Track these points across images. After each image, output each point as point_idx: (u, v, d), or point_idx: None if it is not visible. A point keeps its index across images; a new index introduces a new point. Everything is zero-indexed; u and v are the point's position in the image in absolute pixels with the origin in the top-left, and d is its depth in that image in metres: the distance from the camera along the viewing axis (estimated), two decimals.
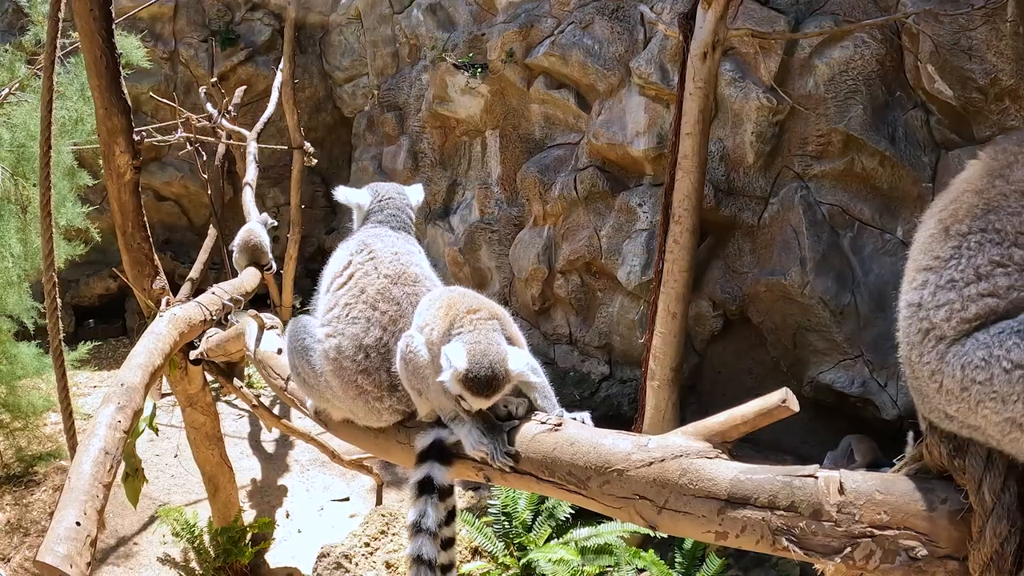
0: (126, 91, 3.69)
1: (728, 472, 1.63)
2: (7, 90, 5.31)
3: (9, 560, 5.25)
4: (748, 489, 1.59)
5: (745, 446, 7.56)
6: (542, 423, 1.91)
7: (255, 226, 6.31)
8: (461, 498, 5.02)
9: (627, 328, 8.28)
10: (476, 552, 4.50)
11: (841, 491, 1.50)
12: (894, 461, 1.60)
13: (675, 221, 4.54)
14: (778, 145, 7.16)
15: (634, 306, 8.17)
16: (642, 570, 4.10)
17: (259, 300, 9.88)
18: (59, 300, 3.57)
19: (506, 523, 4.51)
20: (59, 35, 2.69)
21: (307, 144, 9.35)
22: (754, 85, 7.00)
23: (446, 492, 2.11)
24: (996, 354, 1.29)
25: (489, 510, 4.62)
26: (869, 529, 1.46)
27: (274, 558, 5.44)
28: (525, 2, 9.27)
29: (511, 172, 9.61)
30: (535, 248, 9.08)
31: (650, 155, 7.83)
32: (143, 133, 4.13)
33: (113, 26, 3.42)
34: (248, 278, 5.87)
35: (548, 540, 4.32)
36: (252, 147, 8.07)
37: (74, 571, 2.14)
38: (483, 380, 1.86)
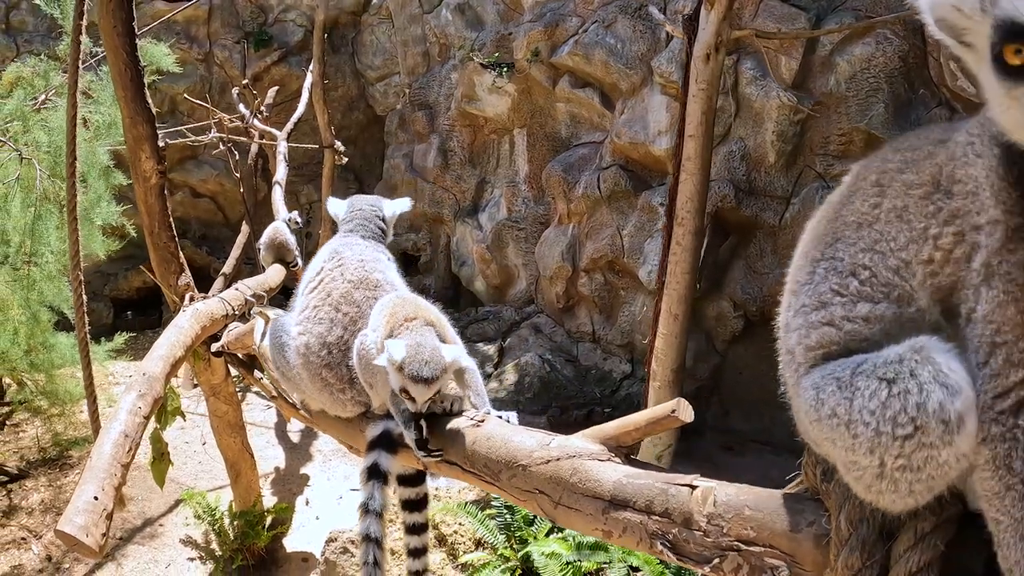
0: (150, 101, 3.88)
1: (614, 475, 1.69)
2: (43, 96, 5.61)
3: (41, 537, 5.60)
4: (629, 492, 1.65)
5: (765, 450, 7.54)
6: (470, 419, 2.06)
7: (280, 225, 6.54)
8: (471, 491, 5.16)
9: (648, 327, 8.33)
10: (479, 543, 4.64)
11: (714, 503, 1.52)
12: (788, 478, 1.57)
13: (678, 223, 4.58)
14: (799, 144, 7.13)
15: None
16: (636, 569, 4.19)
17: (291, 295, 10.17)
18: (85, 296, 3.80)
19: (508, 516, 4.65)
20: (80, 57, 2.89)
21: (338, 143, 9.57)
22: (775, 84, 6.98)
23: (416, 479, 2.29)
24: (821, 397, 1.27)
25: (492, 503, 4.75)
26: (736, 543, 1.46)
27: (292, 543, 5.66)
28: (551, 1, 9.35)
29: (538, 170, 9.72)
30: (559, 246, 9.17)
31: (672, 154, 7.85)
32: (166, 140, 4.32)
33: (136, 41, 3.61)
34: (273, 275, 6.06)
35: (548, 534, 4.45)
36: (282, 147, 8.30)
37: (89, 540, 2.35)
38: (419, 368, 2.05)
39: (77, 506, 2.47)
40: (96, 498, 2.54)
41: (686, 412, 1.69)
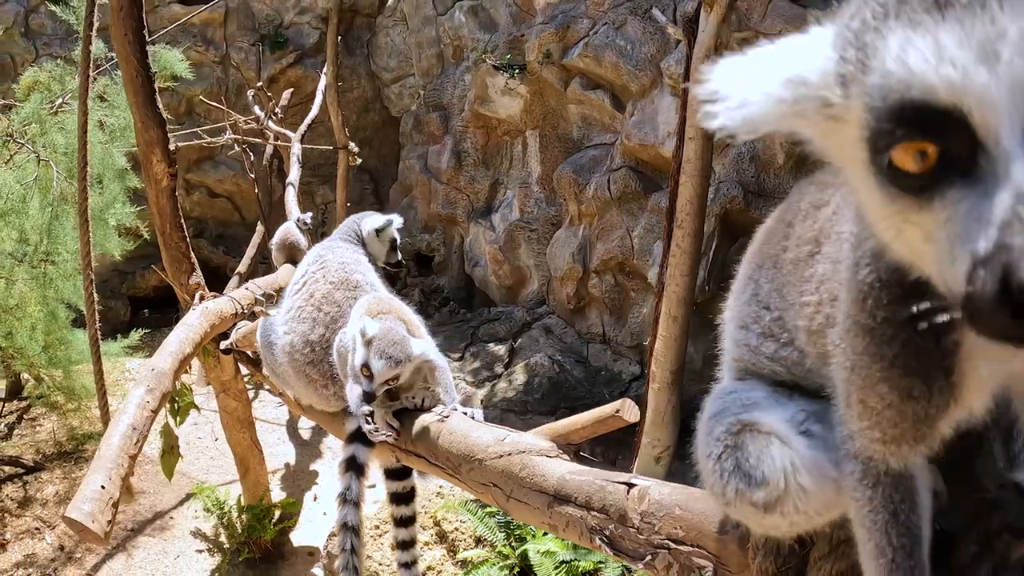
0: (161, 106, 3.99)
1: (559, 471, 1.76)
2: (60, 99, 5.76)
3: (55, 527, 5.76)
4: (571, 488, 1.70)
5: None
6: (436, 414, 2.14)
7: (291, 225, 6.67)
8: None
9: None
10: (478, 541, 4.72)
11: (648, 501, 1.55)
12: None
13: (677, 226, 4.62)
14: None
15: None
16: (631, 570, 4.24)
17: None
18: (96, 295, 3.92)
19: (507, 515, 4.73)
20: (91, 65, 2.99)
21: (352, 144, 9.67)
22: None
23: (402, 473, 2.39)
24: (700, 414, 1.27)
25: None
26: (666, 541, 1.49)
27: (299, 537, 5.77)
28: (563, 3, 9.39)
29: (550, 172, 9.76)
30: (570, 247, 9.21)
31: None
32: (177, 144, 4.42)
33: (148, 48, 3.71)
34: (283, 274, 6.17)
35: (546, 533, 4.50)
36: (296, 148, 8.43)
37: (95, 526, 2.46)
38: (386, 346, 2.15)
39: (85, 494, 2.58)
40: (103, 487, 2.65)
41: (631, 412, 1.74)
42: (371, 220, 3.01)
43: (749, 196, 7.34)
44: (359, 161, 9.98)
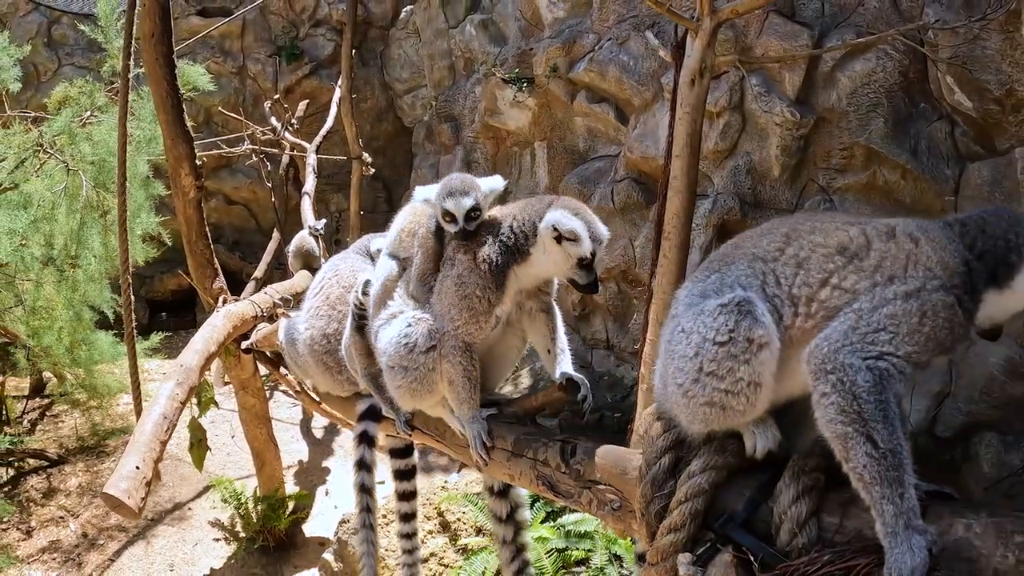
0: (189, 125, 4.31)
1: (515, 432, 2.26)
2: (88, 112, 6.11)
3: (78, 516, 6.08)
4: (523, 445, 2.20)
5: None
6: None
7: (306, 234, 6.98)
8: (476, 484, 5.47)
9: None
10: (479, 530, 5.00)
11: (574, 453, 2.03)
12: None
13: (665, 237, 4.84)
14: (803, 158, 7.34)
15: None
16: (618, 556, 4.50)
17: None
18: (131, 296, 4.22)
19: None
20: (130, 88, 3.29)
21: (365, 154, 9.99)
22: (779, 99, 7.21)
23: (406, 452, 2.73)
24: (680, 322, 1.74)
25: None
26: (589, 483, 1.95)
27: (311, 529, 6.06)
28: (570, 17, 9.66)
29: (557, 182, 9.99)
30: None
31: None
32: (203, 158, 4.75)
33: (176, 71, 4.03)
34: (300, 280, 6.47)
35: (542, 522, 4.78)
36: (311, 159, 8.76)
37: (131, 502, 2.78)
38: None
39: (121, 473, 2.91)
40: (138, 468, 2.98)
41: (573, 389, 2.20)
42: (378, 241, 3.39)
43: (746, 207, 7.57)
44: (372, 170, 10.29)
